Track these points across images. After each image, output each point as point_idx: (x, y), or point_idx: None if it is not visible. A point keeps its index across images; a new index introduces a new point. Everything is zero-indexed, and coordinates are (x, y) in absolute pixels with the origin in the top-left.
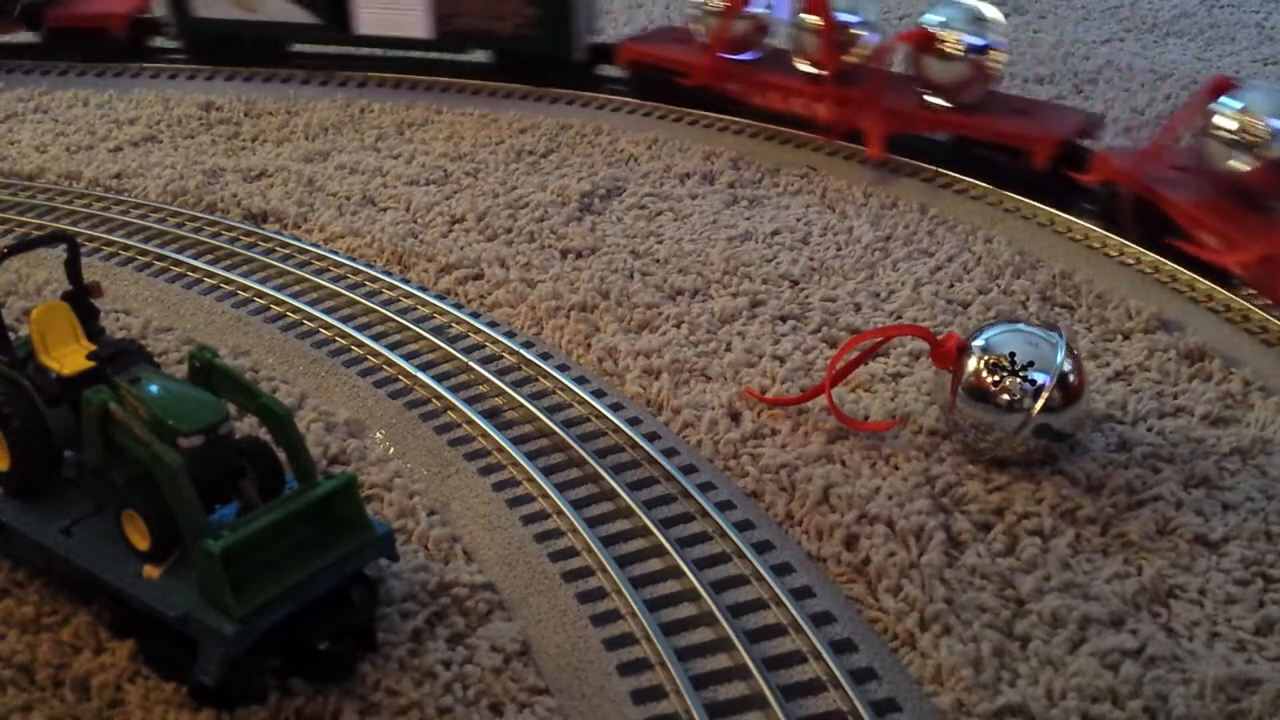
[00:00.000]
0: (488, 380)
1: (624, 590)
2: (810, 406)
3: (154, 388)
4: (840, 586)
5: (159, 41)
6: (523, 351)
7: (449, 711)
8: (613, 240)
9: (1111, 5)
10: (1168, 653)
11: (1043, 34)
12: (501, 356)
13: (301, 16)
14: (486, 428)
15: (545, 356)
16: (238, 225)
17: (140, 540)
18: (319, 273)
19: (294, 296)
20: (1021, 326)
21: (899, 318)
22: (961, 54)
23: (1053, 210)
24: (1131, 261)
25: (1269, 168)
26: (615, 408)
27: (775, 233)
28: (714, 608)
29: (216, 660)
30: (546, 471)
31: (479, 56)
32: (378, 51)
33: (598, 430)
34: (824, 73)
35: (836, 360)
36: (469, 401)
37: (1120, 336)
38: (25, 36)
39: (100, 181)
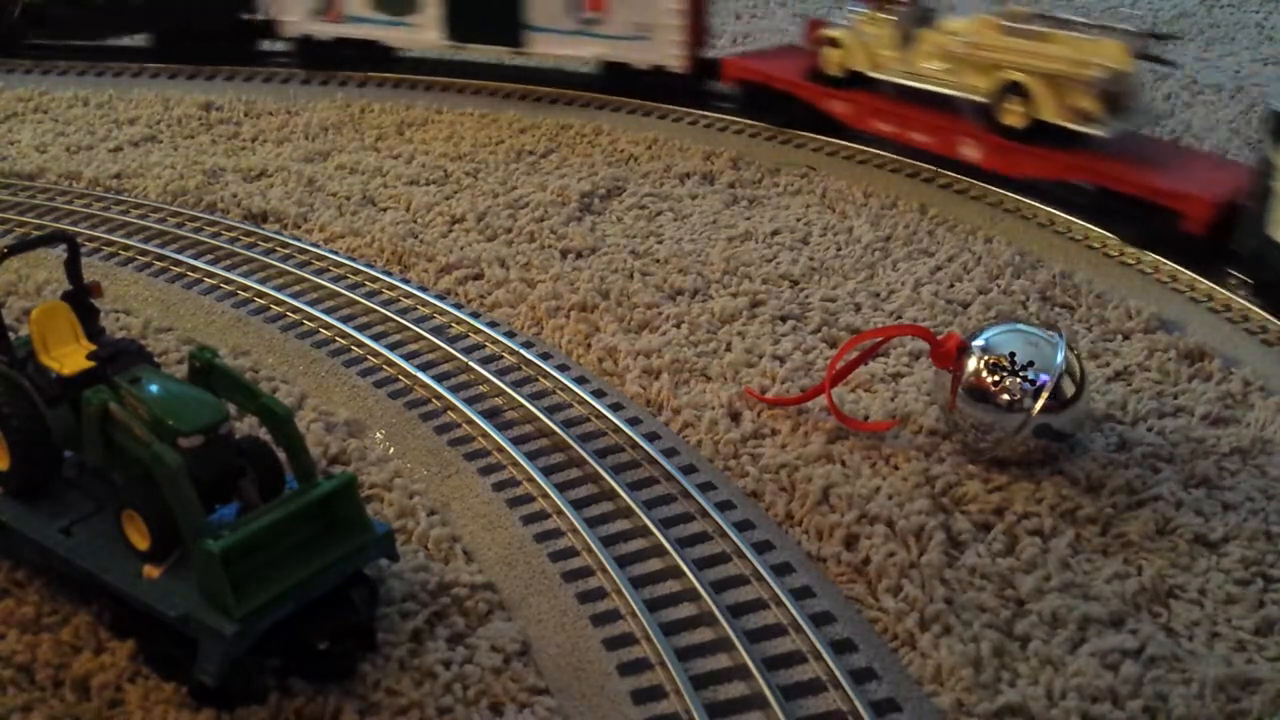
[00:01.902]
0: (488, 380)
1: (624, 590)
2: (810, 406)
3: (154, 388)
4: (840, 586)
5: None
6: (523, 351)
7: (449, 711)
8: (613, 240)
9: (1111, 5)
10: (1168, 653)
11: None
12: (501, 356)
13: None
14: (486, 428)
15: (545, 356)
16: (238, 225)
17: (140, 540)
18: (319, 273)
19: (294, 296)
20: (1021, 326)
21: (899, 318)
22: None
23: (1052, 210)
24: (1132, 262)
25: None
26: (615, 408)
27: (775, 233)
28: (714, 608)
29: (216, 660)
30: (546, 471)
31: None
32: None
33: (598, 430)
34: None
35: (836, 360)
36: (469, 401)
37: (1120, 336)
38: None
39: (100, 181)
